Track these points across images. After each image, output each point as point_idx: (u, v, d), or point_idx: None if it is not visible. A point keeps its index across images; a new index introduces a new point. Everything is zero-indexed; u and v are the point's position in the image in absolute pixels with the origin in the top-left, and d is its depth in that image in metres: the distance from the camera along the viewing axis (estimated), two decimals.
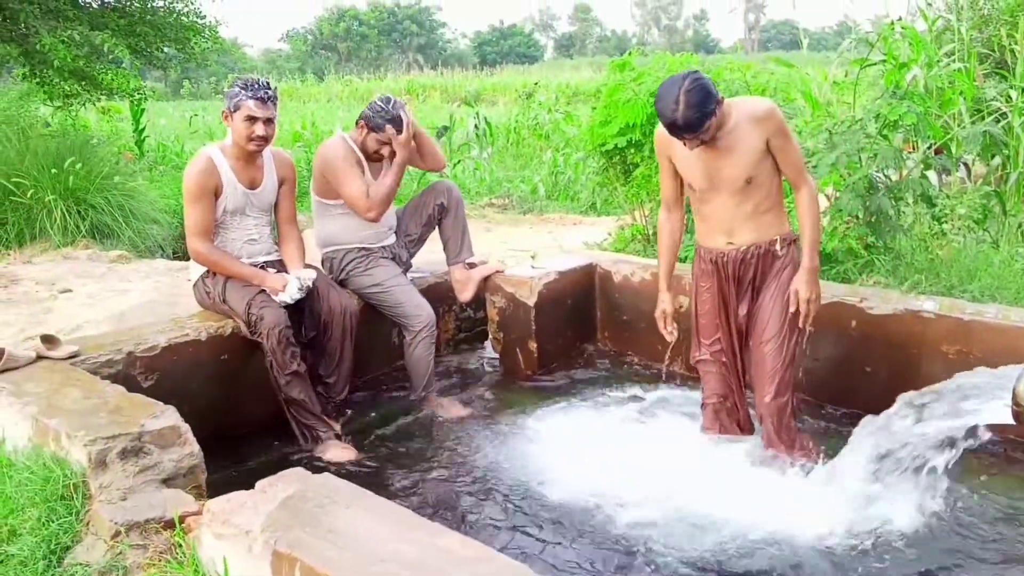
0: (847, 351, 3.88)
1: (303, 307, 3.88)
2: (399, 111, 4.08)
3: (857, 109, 5.16)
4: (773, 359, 3.23)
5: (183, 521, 2.41)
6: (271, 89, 3.75)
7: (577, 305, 4.77)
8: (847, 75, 5.61)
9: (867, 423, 2.97)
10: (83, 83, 10.03)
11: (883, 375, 3.77)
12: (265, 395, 3.84)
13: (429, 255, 4.81)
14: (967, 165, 6.21)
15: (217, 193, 3.76)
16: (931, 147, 5.28)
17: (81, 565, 2.37)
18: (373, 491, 2.39)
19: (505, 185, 11.17)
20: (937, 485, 2.92)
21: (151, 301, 5.31)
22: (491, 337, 4.78)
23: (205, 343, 3.73)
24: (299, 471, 2.43)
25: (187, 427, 2.78)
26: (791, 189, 3.27)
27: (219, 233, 3.84)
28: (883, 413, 2.87)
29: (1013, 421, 2.60)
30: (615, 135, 5.53)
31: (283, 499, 2.25)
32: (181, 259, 7.22)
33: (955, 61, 6.11)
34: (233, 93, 3.72)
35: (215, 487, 2.73)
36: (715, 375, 3.45)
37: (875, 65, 5.42)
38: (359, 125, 4.16)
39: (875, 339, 3.79)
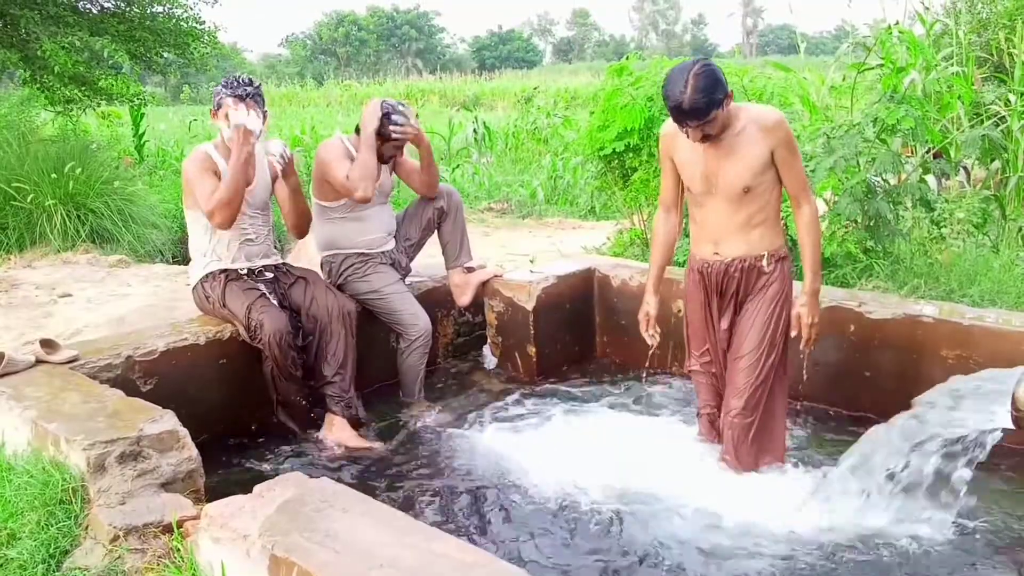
0: (846, 356, 3.87)
1: (299, 309, 3.88)
2: (399, 113, 4.11)
3: (855, 113, 5.17)
4: (745, 375, 3.15)
5: (181, 525, 2.41)
6: (252, 86, 3.76)
7: (576, 309, 4.77)
8: (845, 79, 5.62)
9: (871, 433, 2.96)
10: (83, 88, 10.06)
11: (882, 380, 3.77)
12: (264, 399, 3.85)
13: (428, 259, 4.81)
14: (967, 169, 6.22)
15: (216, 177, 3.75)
16: (929, 151, 5.29)
17: (80, 569, 2.37)
18: (370, 496, 2.39)
19: (504, 189, 11.18)
20: (937, 493, 2.91)
21: (150, 305, 5.31)
22: (490, 341, 4.78)
23: (204, 347, 3.73)
24: (297, 475, 2.43)
25: (185, 431, 2.78)
26: (791, 205, 3.20)
27: (213, 233, 3.83)
28: (885, 423, 2.86)
29: (1013, 426, 2.59)
30: (613, 140, 5.53)
31: (281, 503, 2.25)
32: (180, 263, 7.23)
33: (953, 65, 6.13)
34: (216, 92, 3.76)
35: (214, 491, 2.74)
36: (706, 386, 3.42)
37: (873, 69, 5.43)
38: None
39: (874, 344, 3.79)
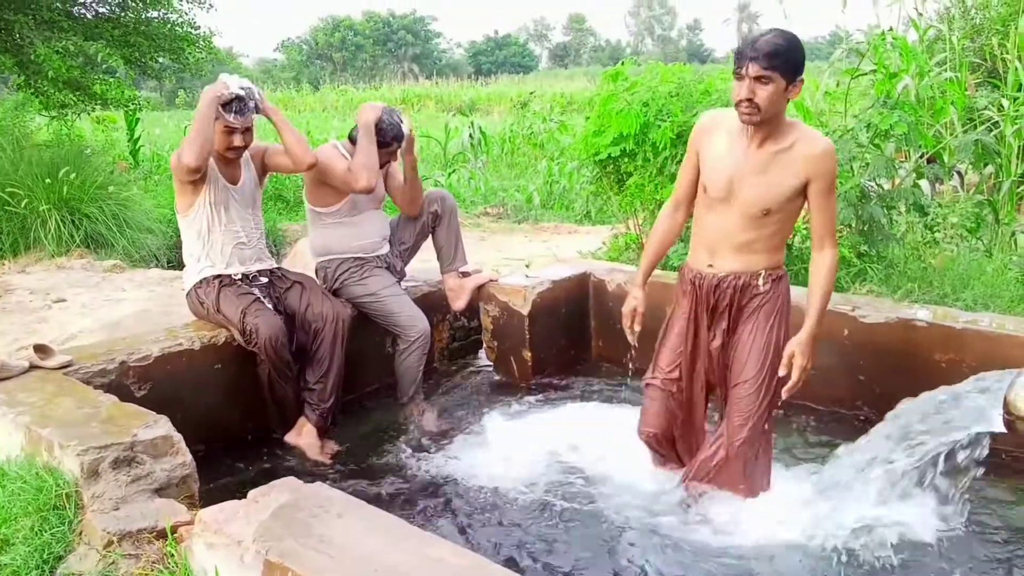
0: (840, 359, 3.88)
1: (294, 314, 3.89)
2: (393, 118, 4.14)
3: (849, 118, 5.18)
4: (749, 403, 2.99)
5: (175, 531, 2.40)
6: (249, 104, 3.76)
7: (571, 314, 4.77)
8: (839, 85, 5.64)
9: (866, 436, 2.96)
10: (77, 93, 10.04)
11: (876, 383, 3.78)
12: (259, 404, 3.85)
13: (422, 264, 4.81)
14: (960, 174, 6.24)
15: (204, 177, 3.74)
16: (923, 156, 5.31)
17: (73, 575, 2.37)
18: (365, 501, 2.39)
19: (500, 194, 11.19)
20: (930, 496, 2.92)
21: (145, 310, 5.31)
22: (485, 346, 4.79)
23: (198, 352, 3.72)
24: (291, 480, 2.43)
25: (180, 437, 2.78)
26: (812, 244, 3.01)
27: (207, 238, 3.83)
28: (879, 426, 2.87)
29: (1005, 430, 2.60)
30: (609, 145, 5.54)
31: (275, 509, 2.25)
32: (176, 268, 7.22)
33: (947, 71, 6.15)
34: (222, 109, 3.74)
35: (208, 496, 2.73)
36: (660, 404, 3.20)
37: (866, 75, 5.45)
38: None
39: (868, 347, 3.80)
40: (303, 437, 3.88)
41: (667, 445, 3.26)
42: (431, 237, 4.57)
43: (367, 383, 4.39)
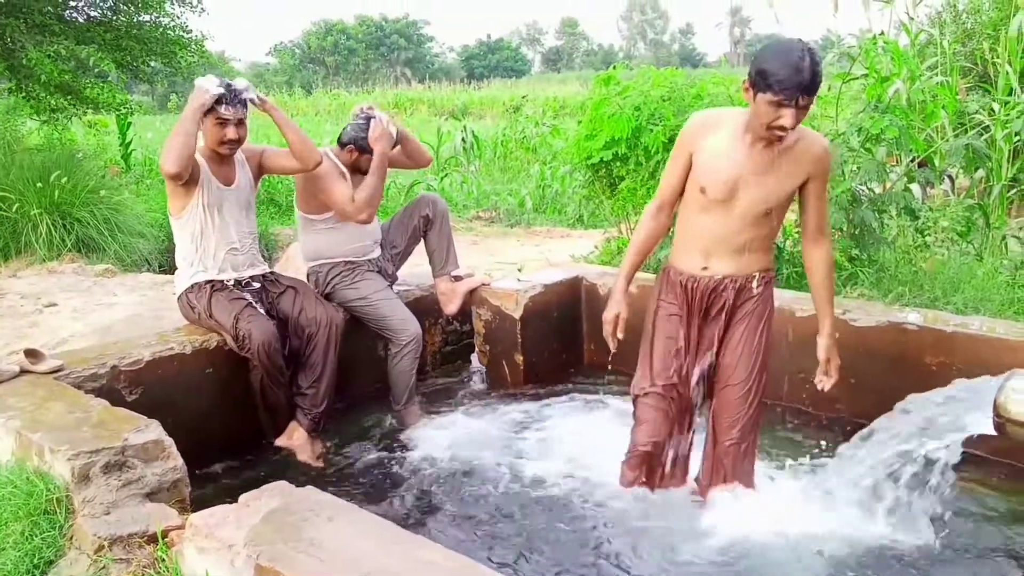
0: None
1: (287, 318, 3.88)
2: (370, 114, 4.13)
3: (840, 123, 5.20)
4: (739, 404, 3.00)
5: (166, 535, 2.40)
6: (240, 90, 3.74)
7: (563, 318, 4.77)
8: (830, 89, 5.65)
9: (857, 438, 2.97)
10: (69, 97, 10.04)
11: (866, 386, 3.78)
12: (250, 409, 3.84)
13: (414, 268, 4.81)
14: (951, 178, 6.26)
15: (195, 179, 3.71)
16: (914, 160, 5.32)
17: None
18: (356, 504, 2.39)
19: (492, 198, 11.20)
20: (923, 499, 2.92)
21: (137, 315, 5.30)
22: (477, 350, 4.79)
23: (190, 356, 3.71)
24: (282, 484, 2.42)
25: (171, 441, 2.77)
26: (807, 240, 3.00)
27: (200, 242, 3.82)
28: (870, 429, 2.87)
29: (996, 432, 2.61)
30: (601, 149, 5.55)
31: (266, 513, 2.24)
32: (167, 273, 7.21)
33: (938, 75, 6.17)
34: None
35: (200, 501, 2.73)
36: (661, 414, 3.08)
37: (858, 79, 5.46)
38: (347, 150, 4.16)
39: (859, 351, 3.81)
40: (294, 440, 3.88)
41: (657, 458, 3.14)
42: (423, 241, 4.57)
43: (359, 387, 4.38)
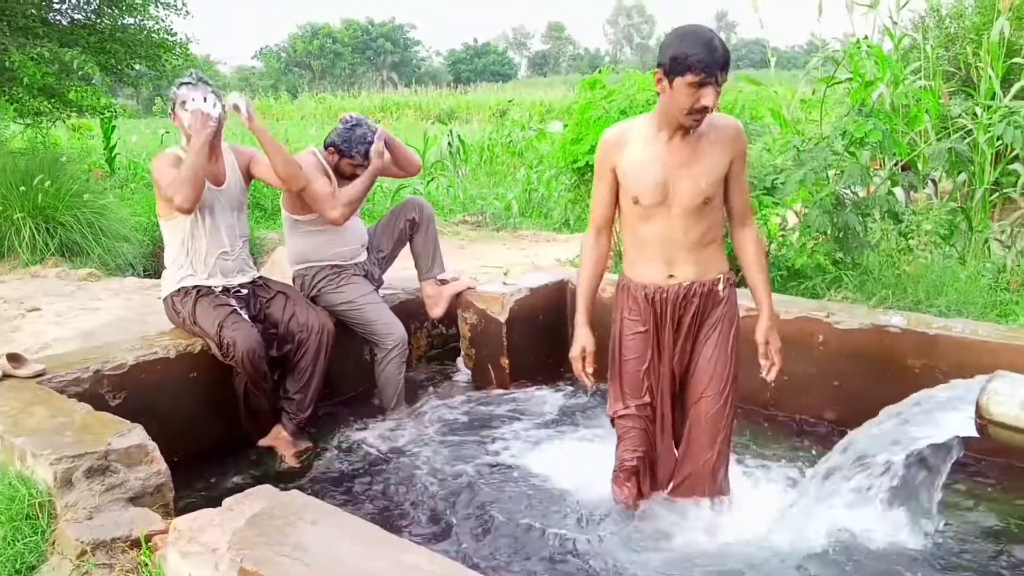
0: (814, 365, 3.91)
1: (276, 324, 3.87)
2: (364, 130, 4.13)
3: (824, 126, 5.23)
4: (716, 419, 2.95)
5: (150, 540, 2.39)
6: (212, 85, 3.78)
7: (549, 321, 4.77)
8: (814, 93, 5.68)
9: (843, 442, 2.97)
10: (52, 100, 9.98)
11: (850, 389, 3.80)
12: (235, 413, 3.83)
13: (400, 271, 4.81)
14: (935, 182, 6.29)
15: None
16: (898, 164, 5.36)
17: None
18: (341, 508, 2.38)
19: (479, 202, 11.18)
20: (908, 500, 2.93)
21: (121, 319, 5.27)
22: (463, 353, 4.78)
23: (174, 361, 3.70)
24: (267, 488, 2.41)
25: (154, 445, 2.76)
26: (734, 225, 3.01)
27: (190, 245, 3.81)
28: (855, 431, 2.88)
29: (978, 434, 2.62)
30: (586, 152, 5.56)
31: (250, 516, 2.24)
32: (152, 277, 7.18)
33: (921, 79, 6.21)
34: (171, 93, 3.76)
35: (184, 505, 2.72)
36: (639, 431, 3.04)
37: (842, 83, 5.49)
38: (329, 151, 4.17)
39: (843, 353, 3.83)
40: (278, 443, 3.87)
41: (644, 471, 3.10)
42: (409, 244, 4.57)
43: (345, 390, 4.38)
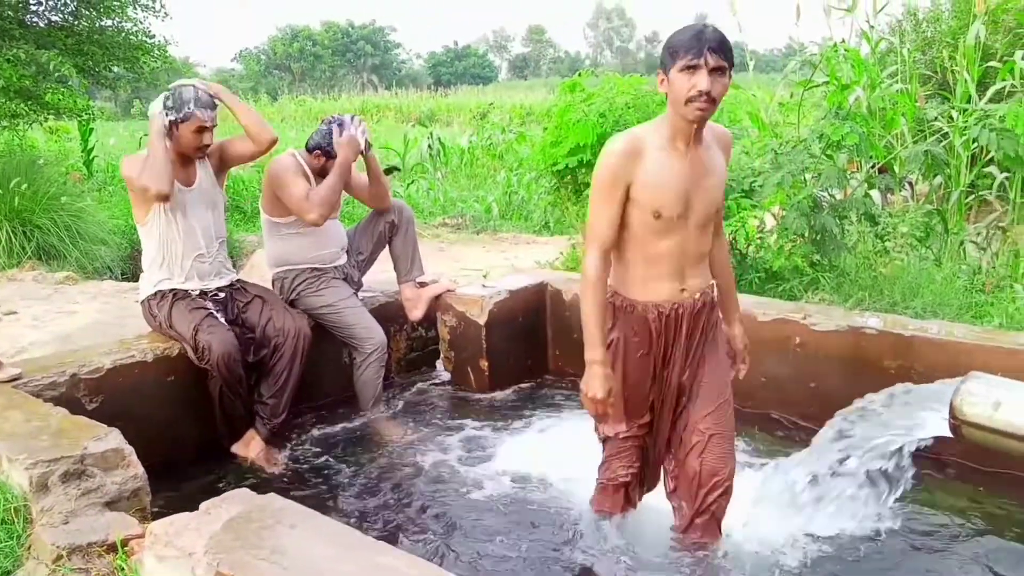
0: (792, 367, 3.93)
1: (252, 327, 3.86)
2: (342, 120, 4.14)
3: (802, 130, 5.26)
4: (726, 437, 2.83)
5: (126, 544, 2.37)
6: (210, 94, 3.76)
7: (528, 323, 4.78)
8: (792, 96, 5.72)
9: (816, 440, 2.99)
10: (29, 103, 9.89)
11: (827, 390, 3.82)
12: (213, 417, 3.81)
13: (380, 274, 4.81)
14: (911, 184, 6.34)
15: None
16: (874, 166, 5.39)
17: None
18: (319, 511, 2.37)
19: (459, 205, 11.18)
20: (878, 501, 2.96)
21: (98, 323, 5.24)
22: (442, 356, 4.79)
23: (151, 364, 3.69)
24: (244, 492, 2.40)
25: (131, 449, 2.75)
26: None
27: (167, 248, 3.79)
28: (825, 428, 2.90)
29: (951, 435, 2.65)
30: (566, 155, 5.59)
31: (227, 520, 2.23)
32: (130, 280, 7.14)
33: (898, 82, 6.26)
34: (179, 106, 3.69)
35: (162, 509, 2.70)
36: (637, 449, 2.93)
37: (819, 87, 5.53)
38: (315, 155, 4.15)
39: (819, 355, 3.85)
40: (251, 448, 3.85)
41: (633, 486, 3.01)
42: (388, 247, 4.57)
43: (323, 394, 4.37)
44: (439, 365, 4.90)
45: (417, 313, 4.59)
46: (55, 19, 10.09)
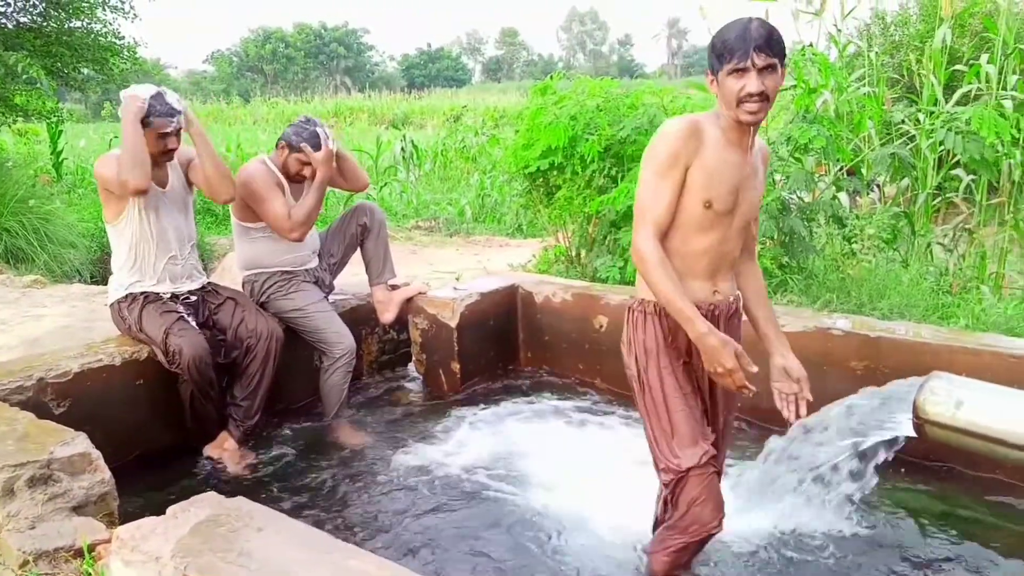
0: (760, 368, 3.94)
1: (224, 329, 3.84)
2: (316, 128, 4.09)
3: (770, 132, 5.31)
4: (732, 435, 2.87)
5: (93, 549, 2.36)
6: (173, 100, 3.71)
7: (499, 326, 4.79)
8: None
9: (771, 443, 3.02)
10: None
11: None
12: (182, 420, 3.79)
13: (351, 277, 4.80)
14: (879, 187, 6.42)
15: None
16: (842, 169, 5.45)
17: None
18: (288, 515, 2.37)
19: (432, 208, 11.19)
20: (843, 501, 2.99)
21: (66, 326, 5.19)
22: (414, 358, 4.78)
23: (119, 368, 3.66)
24: (212, 496, 2.40)
25: (98, 454, 2.73)
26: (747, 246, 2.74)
27: (137, 250, 3.77)
28: (792, 430, 2.93)
29: (915, 434, 2.68)
30: (537, 158, 5.60)
31: (195, 524, 2.22)
32: (100, 283, 7.08)
33: (865, 86, 6.33)
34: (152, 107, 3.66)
35: (131, 514, 2.68)
36: (715, 476, 2.59)
37: (787, 90, 5.58)
38: (279, 146, 4.14)
39: None
40: (224, 450, 3.83)
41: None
42: (360, 250, 4.56)
43: (294, 397, 4.36)
44: (411, 367, 4.89)
45: (389, 316, 4.59)
46: (23, 20, 9.98)
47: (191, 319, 3.76)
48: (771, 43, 2.34)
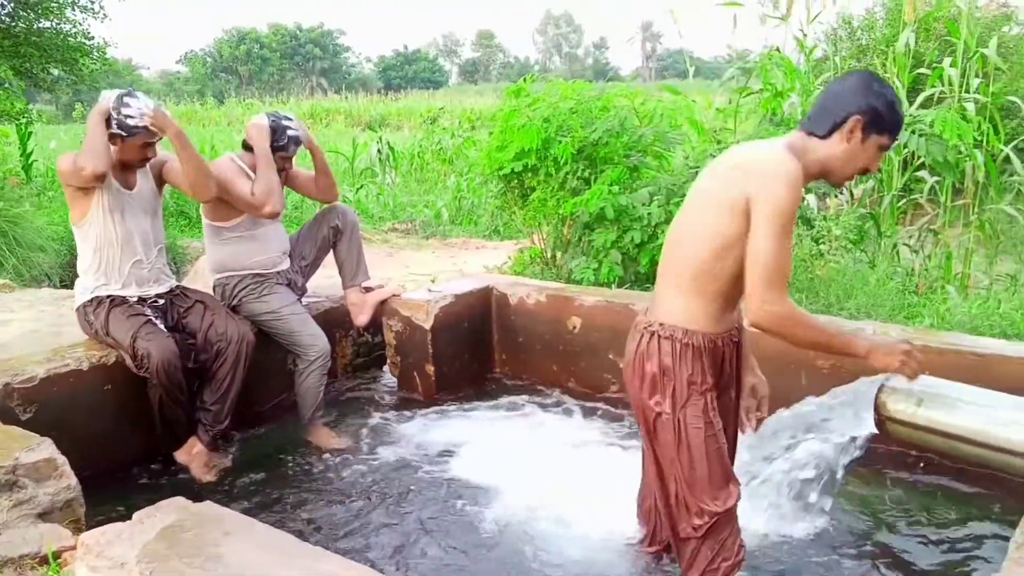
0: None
1: (194, 333, 3.83)
2: (293, 123, 4.14)
3: (738, 135, 5.35)
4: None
5: (58, 556, 2.35)
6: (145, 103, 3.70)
7: (474, 328, 4.80)
8: (731, 102, 5.81)
9: (745, 440, 3.04)
10: None
11: None
12: (151, 425, 3.77)
13: (325, 279, 4.79)
14: (849, 189, 6.49)
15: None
16: None
17: None
18: (258, 519, 2.37)
19: (408, 210, 11.18)
20: (807, 496, 3.01)
21: (34, 331, 5.14)
22: (389, 361, 4.78)
23: (87, 373, 3.63)
24: (178, 500, 2.38)
25: (64, 459, 2.71)
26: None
27: (103, 252, 3.74)
28: (758, 430, 2.95)
29: (877, 431, 2.71)
30: (511, 160, 5.61)
31: (161, 529, 2.21)
32: (69, 287, 7.02)
33: None
34: (121, 121, 3.63)
35: (98, 520, 2.67)
36: (737, 521, 2.58)
37: (755, 93, 5.63)
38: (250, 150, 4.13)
39: (754, 355, 3.89)
40: (193, 455, 3.81)
41: None
42: (332, 252, 4.55)
43: (266, 399, 4.34)
44: (385, 370, 4.89)
45: (363, 318, 4.58)
46: None
47: (159, 322, 3.74)
48: None
